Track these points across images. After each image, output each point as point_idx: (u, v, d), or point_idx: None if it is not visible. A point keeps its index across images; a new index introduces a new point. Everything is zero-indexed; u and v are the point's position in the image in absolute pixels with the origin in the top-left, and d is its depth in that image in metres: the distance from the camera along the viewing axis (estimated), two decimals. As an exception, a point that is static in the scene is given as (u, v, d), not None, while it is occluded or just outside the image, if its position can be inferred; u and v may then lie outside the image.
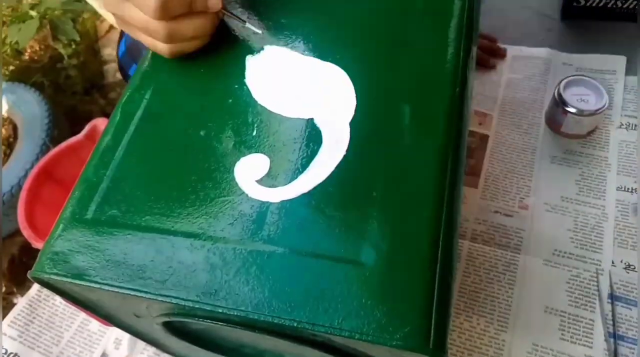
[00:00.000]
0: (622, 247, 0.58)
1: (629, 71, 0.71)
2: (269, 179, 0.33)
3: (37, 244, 0.54)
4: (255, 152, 0.35)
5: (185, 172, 0.34)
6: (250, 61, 0.39)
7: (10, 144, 1.24)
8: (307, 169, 0.33)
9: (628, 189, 0.62)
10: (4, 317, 0.62)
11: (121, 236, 0.32)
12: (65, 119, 1.34)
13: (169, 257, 0.31)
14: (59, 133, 1.20)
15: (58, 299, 0.63)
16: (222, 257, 0.31)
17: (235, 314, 0.29)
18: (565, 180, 0.64)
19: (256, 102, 0.37)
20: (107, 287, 0.31)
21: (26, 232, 0.55)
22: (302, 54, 0.39)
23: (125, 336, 0.59)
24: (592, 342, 0.53)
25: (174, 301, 0.30)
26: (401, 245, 0.30)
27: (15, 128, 1.25)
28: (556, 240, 0.59)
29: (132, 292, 0.31)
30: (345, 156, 0.34)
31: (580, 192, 0.62)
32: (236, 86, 0.38)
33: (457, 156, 0.34)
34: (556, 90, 0.65)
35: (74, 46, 1.63)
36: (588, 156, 0.65)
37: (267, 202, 0.33)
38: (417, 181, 0.32)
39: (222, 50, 0.40)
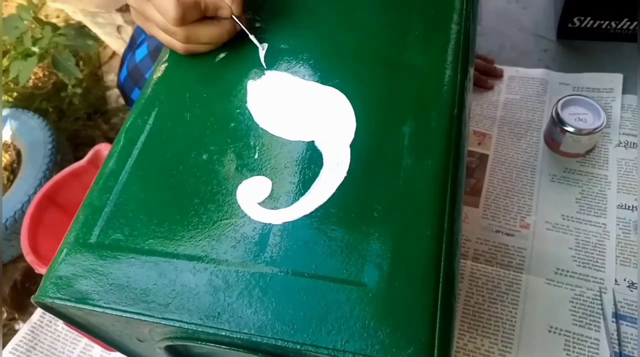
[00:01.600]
0: (625, 265, 0.58)
1: (626, 89, 0.72)
2: (271, 201, 0.34)
3: (40, 270, 0.54)
4: (257, 174, 0.35)
5: (188, 196, 0.35)
6: (252, 86, 0.40)
7: (14, 170, 1.25)
8: (309, 190, 0.34)
9: (629, 206, 0.62)
10: (5, 344, 0.62)
11: (124, 260, 0.33)
12: (68, 144, 1.35)
13: (172, 280, 0.31)
14: (62, 158, 1.21)
15: (60, 324, 0.62)
16: (225, 279, 0.31)
17: (239, 336, 0.29)
18: (565, 199, 0.64)
19: (257, 125, 0.38)
20: (110, 311, 0.31)
21: (29, 258, 0.55)
22: (303, 78, 0.40)
23: (128, 362, 0.58)
24: (597, 362, 0.52)
25: (176, 324, 0.30)
26: (403, 265, 0.30)
27: (19, 154, 1.26)
28: (558, 259, 0.59)
29: (136, 316, 0.31)
30: (346, 178, 0.34)
31: (580, 210, 0.63)
32: (238, 110, 0.39)
33: (457, 176, 0.35)
34: (554, 110, 0.66)
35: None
36: (587, 175, 0.66)
37: (269, 224, 0.33)
38: (417, 201, 0.33)
39: (224, 75, 0.41)
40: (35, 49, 1.30)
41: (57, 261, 0.34)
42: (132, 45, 0.84)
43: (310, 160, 0.35)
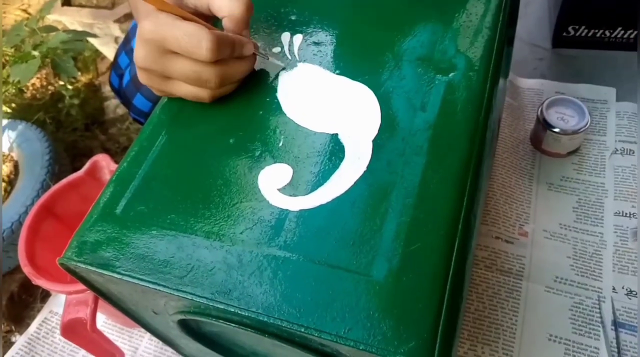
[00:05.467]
0: (622, 273, 0.58)
1: (620, 97, 0.73)
2: (290, 188, 0.35)
3: (38, 281, 0.53)
4: (280, 162, 0.36)
5: (213, 176, 0.36)
6: (283, 77, 0.41)
7: (11, 181, 1.25)
8: (328, 181, 0.35)
9: (626, 213, 0.62)
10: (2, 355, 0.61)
11: (147, 232, 0.34)
12: (66, 155, 1.35)
13: (189, 254, 0.33)
14: (59, 169, 1.21)
15: (57, 336, 0.62)
16: (239, 258, 0.32)
17: (246, 314, 0.30)
18: (562, 207, 0.64)
19: (285, 115, 0.39)
20: (128, 279, 0.32)
21: (26, 269, 0.55)
22: (333, 72, 0.41)
23: (126, 373, 0.58)
24: (598, 370, 0.52)
25: (189, 296, 0.31)
26: (412, 262, 0.31)
27: (16, 165, 1.26)
28: (557, 267, 0.59)
29: (152, 286, 0.32)
30: (365, 172, 0.35)
31: (577, 219, 0.63)
32: (268, 99, 0.40)
33: (477, 179, 0.35)
34: (539, 109, 0.67)
35: (75, 84, 1.66)
36: (584, 183, 0.66)
37: (287, 210, 0.34)
38: (434, 200, 0.33)
39: (259, 65, 0.42)
40: (36, 53, 1.31)
41: (84, 227, 0.35)
42: (127, 45, 0.83)
43: (332, 153, 0.36)
